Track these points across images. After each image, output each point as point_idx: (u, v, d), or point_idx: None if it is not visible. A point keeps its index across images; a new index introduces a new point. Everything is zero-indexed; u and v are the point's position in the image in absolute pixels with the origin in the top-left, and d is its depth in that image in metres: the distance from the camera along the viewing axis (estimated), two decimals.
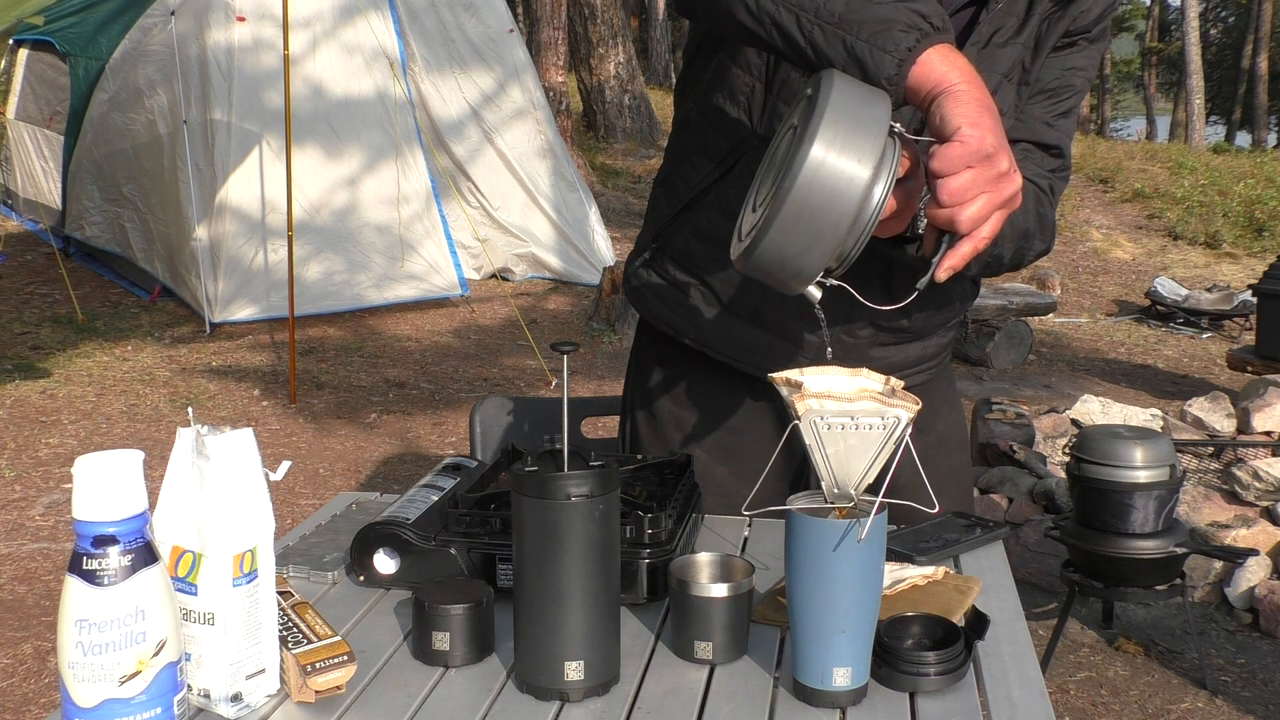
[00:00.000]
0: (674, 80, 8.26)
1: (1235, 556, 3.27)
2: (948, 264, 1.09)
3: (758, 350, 1.52)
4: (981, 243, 1.08)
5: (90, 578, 0.90)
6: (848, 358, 1.50)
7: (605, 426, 1.95)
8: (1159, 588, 3.01)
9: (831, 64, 1.10)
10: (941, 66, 1.07)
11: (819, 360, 1.39)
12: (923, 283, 1.11)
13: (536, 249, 7.88)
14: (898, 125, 1.05)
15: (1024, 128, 1.42)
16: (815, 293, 1.09)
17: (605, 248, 8.08)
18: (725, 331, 1.53)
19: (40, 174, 8.50)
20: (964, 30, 1.35)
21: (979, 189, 1.05)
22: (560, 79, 10.89)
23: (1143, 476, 2.93)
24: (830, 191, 1.01)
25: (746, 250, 1.06)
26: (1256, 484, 3.62)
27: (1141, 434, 3.03)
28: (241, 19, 6.63)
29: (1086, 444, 3.00)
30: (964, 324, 1.69)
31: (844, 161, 1.00)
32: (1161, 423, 4.35)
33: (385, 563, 1.29)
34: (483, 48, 7.59)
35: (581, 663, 1.05)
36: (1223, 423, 4.38)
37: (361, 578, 1.30)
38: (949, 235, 1.09)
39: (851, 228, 1.02)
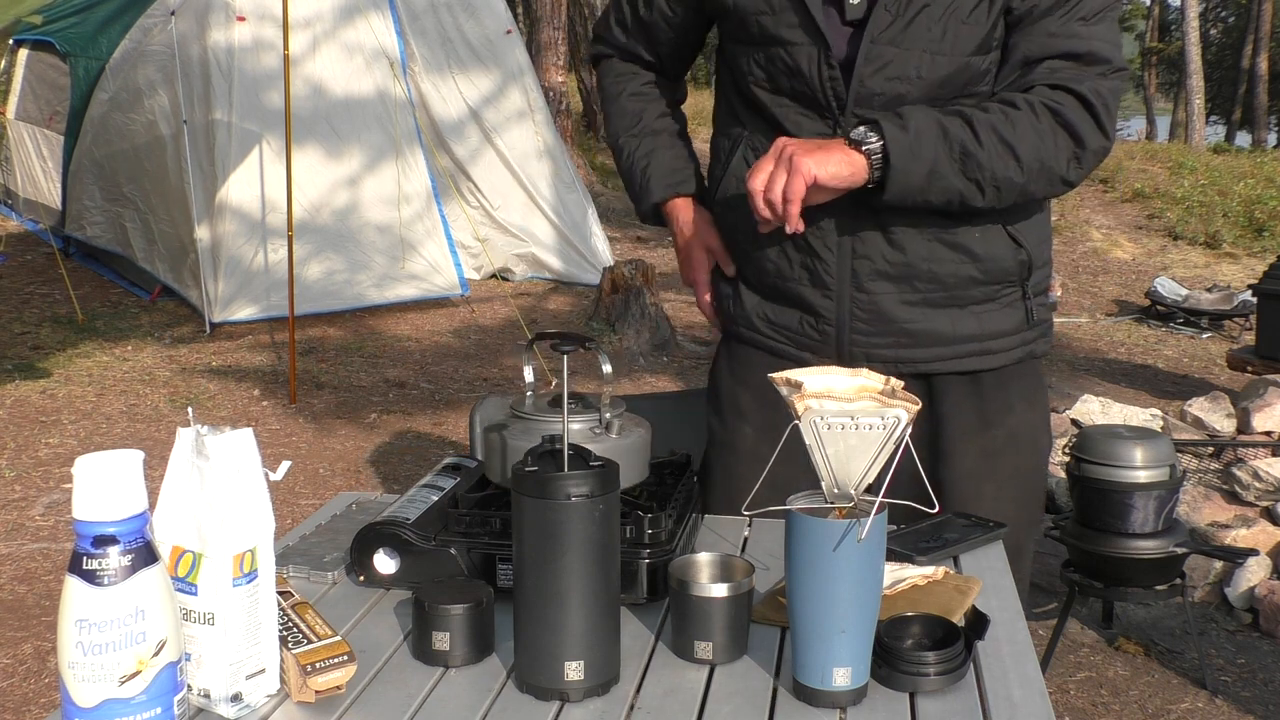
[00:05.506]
0: None
1: (1235, 556, 3.27)
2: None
3: (791, 327, 1.66)
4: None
5: (90, 578, 0.90)
6: (876, 320, 1.60)
7: None
8: (1159, 588, 3.01)
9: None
10: None
11: (852, 333, 1.61)
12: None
13: (536, 249, 7.88)
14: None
15: (1038, 44, 1.52)
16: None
17: (604, 248, 8.07)
18: (762, 313, 1.69)
19: (40, 174, 8.50)
20: None
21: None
22: (560, 79, 10.87)
23: (1143, 476, 2.93)
24: None
25: None
26: (1256, 484, 3.62)
27: (1141, 434, 3.03)
28: (241, 19, 6.62)
29: (1086, 444, 3.00)
30: (1030, 305, 1.69)
31: None
32: (1161, 423, 4.34)
33: (385, 563, 1.28)
34: (481, 49, 7.59)
35: (581, 663, 1.05)
36: (1223, 423, 4.38)
37: (361, 578, 1.30)
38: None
39: None
